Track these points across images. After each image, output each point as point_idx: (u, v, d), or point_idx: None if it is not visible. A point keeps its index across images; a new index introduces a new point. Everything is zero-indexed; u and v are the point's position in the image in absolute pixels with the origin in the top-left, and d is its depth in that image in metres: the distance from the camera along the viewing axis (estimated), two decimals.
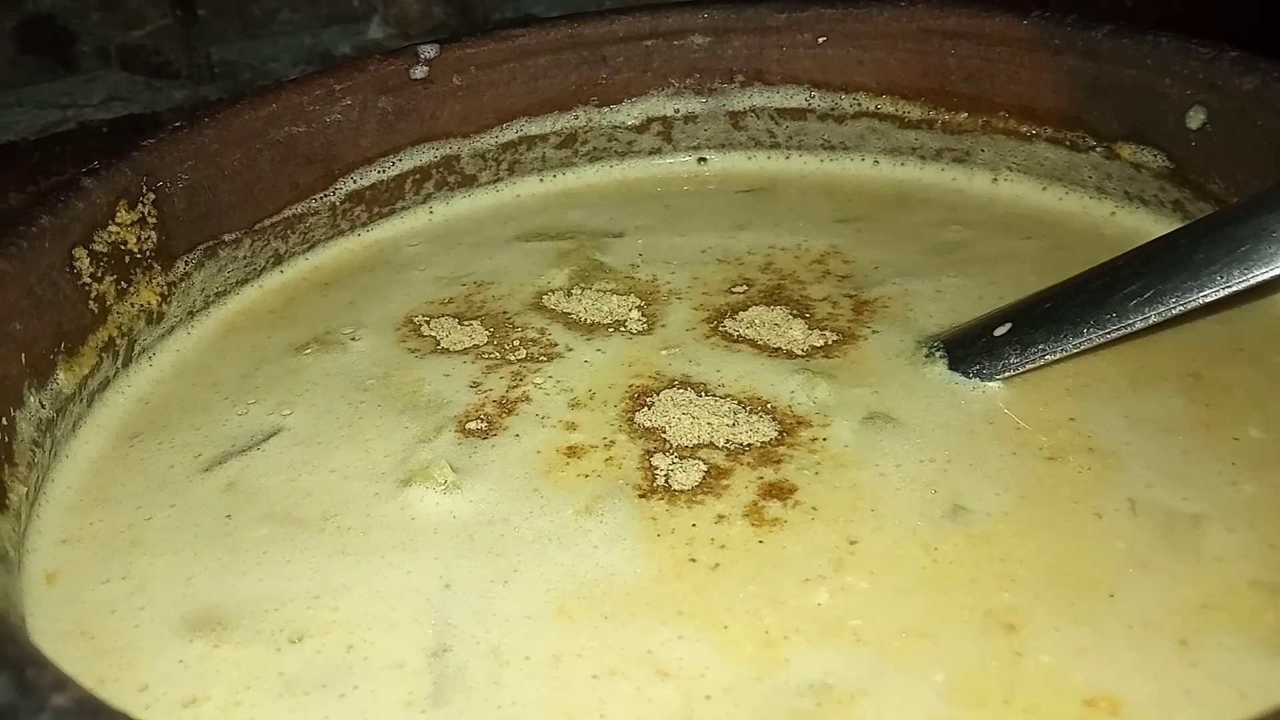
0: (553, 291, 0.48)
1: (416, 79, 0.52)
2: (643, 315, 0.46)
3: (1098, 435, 0.37)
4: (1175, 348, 0.40)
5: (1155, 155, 0.47)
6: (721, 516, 0.35)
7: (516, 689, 0.30)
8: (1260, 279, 0.35)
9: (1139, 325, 0.37)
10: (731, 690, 0.30)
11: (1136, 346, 0.40)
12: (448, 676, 0.31)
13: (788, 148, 0.57)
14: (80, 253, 0.41)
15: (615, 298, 0.47)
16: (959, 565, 0.33)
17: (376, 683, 0.31)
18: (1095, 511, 0.34)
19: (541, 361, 0.44)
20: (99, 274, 0.42)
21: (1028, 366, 0.39)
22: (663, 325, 0.46)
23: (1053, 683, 0.29)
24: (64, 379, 0.40)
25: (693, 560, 0.34)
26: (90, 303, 0.42)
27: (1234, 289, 0.35)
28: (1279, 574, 0.31)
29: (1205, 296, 0.36)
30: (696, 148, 0.58)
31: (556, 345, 0.45)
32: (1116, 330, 0.37)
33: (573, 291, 0.48)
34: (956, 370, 0.40)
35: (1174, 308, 0.36)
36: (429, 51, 0.52)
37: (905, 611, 0.31)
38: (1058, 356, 0.38)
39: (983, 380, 0.40)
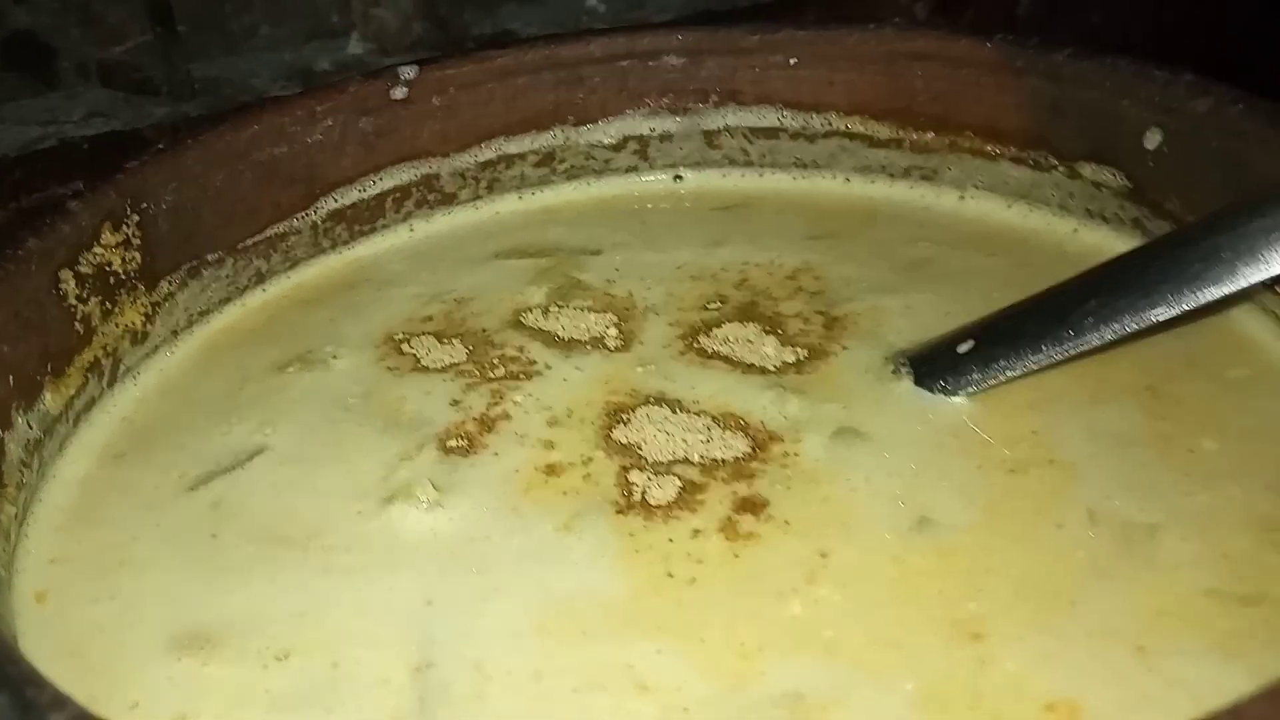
0: (531, 309, 0.49)
1: (396, 99, 0.53)
2: (619, 333, 0.47)
3: (1059, 448, 0.38)
4: (1133, 363, 0.42)
5: (1114, 174, 0.49)
6: (697, 531, 0.36)
7: (499, 703, 0.31)
8: (1210, 298, 0.36)
9: (1095, 343, 0.38)
10: (708, 702, 0.31)
11: (1096, 362, 0.41)
12: (432, 692, 0.31)
13: (761, 166, 0.58)
14: (66, 274, 0.42)
15: (593, 315, 0.48)
16: (927, 577, 0.34)
17: (362, 699, 0.31)
18: (1056, 522, 0.35)
19: (520, 379, 0.45)
20: (84, 295, 0.43)
21: (990, 383, 0.40)
22: (640, 343, 0.47)
23: (1016, 689, 0.30)
24: (51, 400, 0.41)
25: (670, 575, 0.35)
26: (76, 324, 0.43)
27: (1185, 307, 0.36)
28: (1230, 582, 0.32)
29: (1158, 315, 0.37)
30: (672, 166, 0.59)
31: (535, 363, 0.46)
32: (1073, 347, 0.38)
33: (550, 309, 0.49)
34: (922, 386, 0.42)
35: (1128, 325, 0.37)
36: (409, 73, 0.53)
37: (876, 622, 0.33)
38: (1018, 373, 0.40)
39: (947, 396, 0.41)
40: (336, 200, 0.53)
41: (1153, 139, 0.46)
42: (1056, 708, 0.29)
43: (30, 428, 0.39)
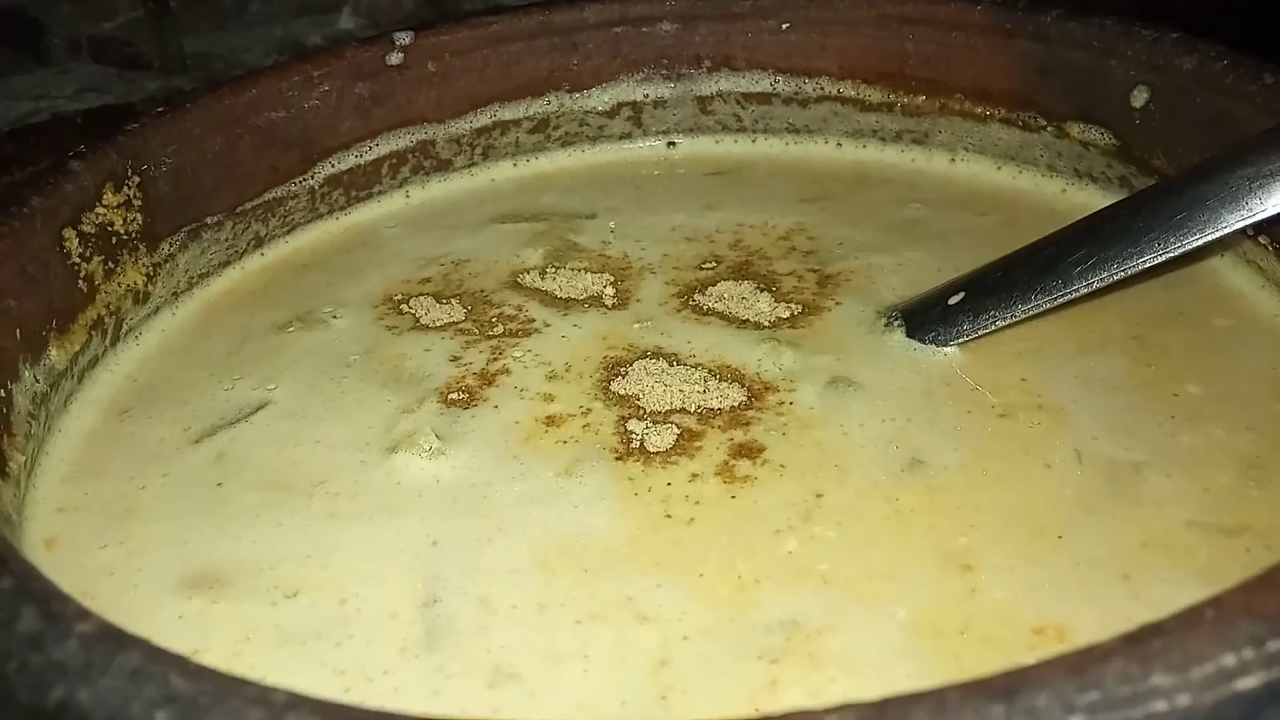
0: (528, 270, 0.50)
1: (392, 65, 0.54)
2: (616, 292, 0.48)
3: (1047, 394, 0.39)
4: (1121, 313, 0.43)
5: (1102, 134, 0.50)
6: (695, 475, 0.37)
7: (504, 634, 0.32)
8: (1195, 244, 0.37)
9: (1083, 291, 0.39)
10: (707, 631, 0.31)
11: (1084, 312, 0.42)
12: (439, 624, 0.32)
13: (754, 131, 0.59)
14: (69, 233, 0.43)
15: (589, 275, 0.49)
16: (919, 514, 0.35)
17: (371, 631, 0.32)
18: (1045, 462, 0.36)
19: (519, 336, 0.45)
20: (87, 254, 0.44)
21: (980, 332, 0.41)
22: (637, 300, 0.47)
23: (1005, 615, 0.31)
24: (56, 355, 0.41)
25: (669, 516, 0.36)
26: (80, 282, 0.43)
27: (1171, 254, 0.37)
28: (1213, 514, 0.33)
29: (1145, 262, 0.38)
30: (665, 132, 0.60)
31: (534, 321, 0.46)
32: (1062, 296, 0.39)
33: (547, 270, 0.50)
34: (914, 338, 0.43)
35: (1115, 273, 0.38)
36: (404, 38, 0.54)
37: (869, 556, 0.33)
38: (1008, 322, 0.41)
39: (938, 346, 0.42)
40: (334, 165, 0.54)
41: (1139, 97, 0.47)
42: (1045, 631, 0.30)
43: (37, 381, 0.40)
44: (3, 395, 0.37)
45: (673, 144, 0.60)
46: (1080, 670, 0.18)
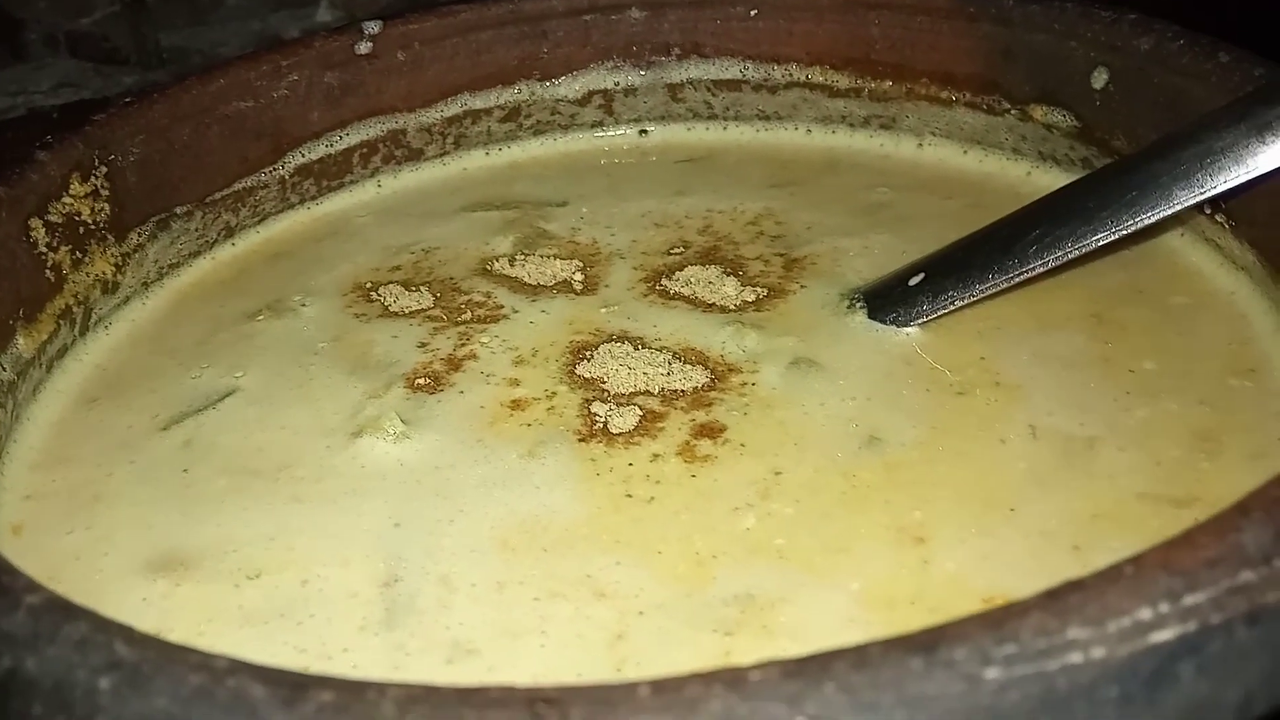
0: (498, 258, 0.50)
1: (361, 54, 0.54)
2: (585, 278, 0.48)
3: (1004, 371, 0.40)
4: (1080, 292, 0.43)
5: (1064, 115, 0.50)
6: (656, 455, 0.38)
7: (464, 611, 0.32)
8: (1147, 221, 0.38)
9: (1039, 269, 0.39)
10: (663, 606, 0.32)
11: (1044, 292, 0.43)
12: (399, 603, 0.33)
13: (724, 118, 0.59)
14: (36, 223, 0.43)
15: (558, 262, 0.49)
16: (875, 489, 0.35)
17: (332, 610, 0.32)
18: (1000, 438, 0.37)
19: (487, 323, 0.46)
20: (54, 244, 0.44)
21: (940, 312, 0.42)
22: (605, 286, 0.48)
23: (955, 586, 0.31)
24: (23, 344, 0.41)
25: (629, 495, 0.36)
26: (47, 271, 0.43)
27: (1124, 231, 0.38)
28: (1164, 486, 0.34)
29: (1099, 240, 0.38)
30: (637, 120, 0.60)
31: (502, 307, 0.47)
32: (1018, 274, 0.40)
33: (516, 258, 0.50)
34: (875, 319, 0.43)
35: (1070, 251, 0.39)
36: (373, 27, 0.54)
37: (825, 531, 0.34)
38: (966, 301, 0.41)
39: (899, 327, 0.42)
40: (304, 155, 0.54)
41: (1099, 78, 0.48)
42: (993, 600, 0.31)
43: (4, 369, 0.40)
44: None
45: (644, 132, 0.60)
46: (999, 624, 0.19)
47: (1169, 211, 0.37)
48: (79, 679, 0.20)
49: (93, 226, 0.46)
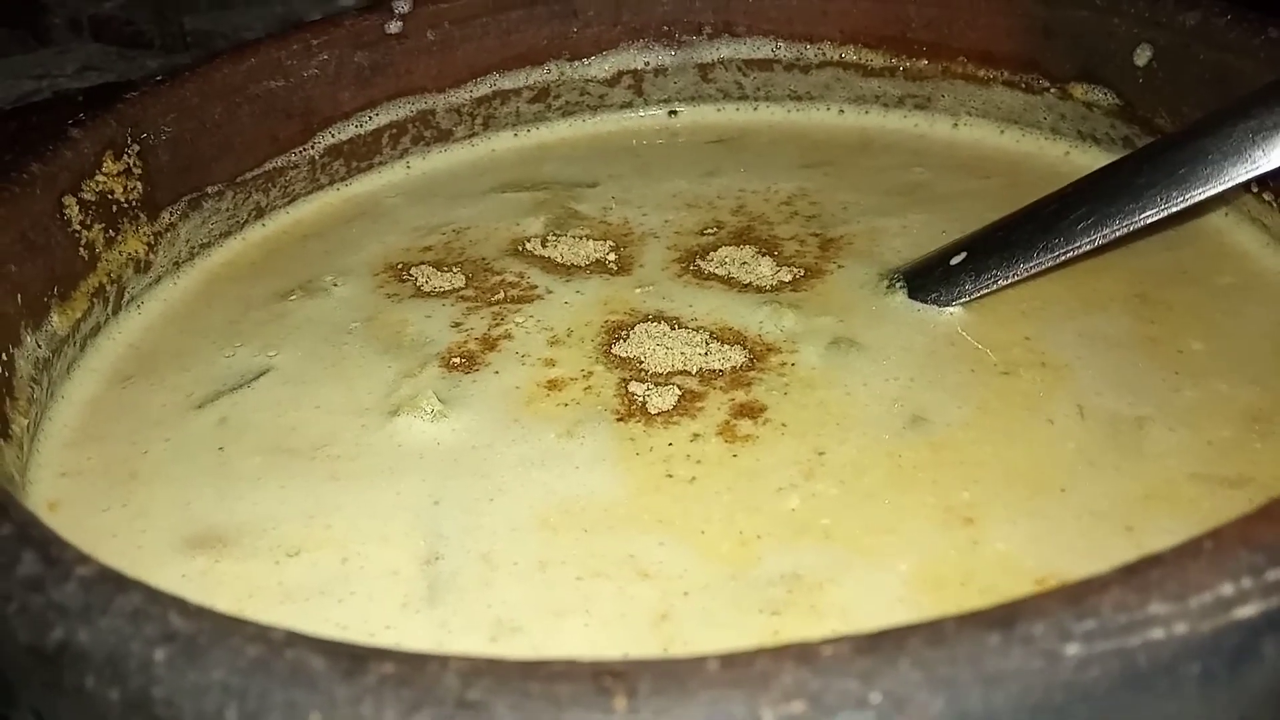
0: (530, 239, 0.50)
1: (391, 34, 0.54)
2: (618, 258, 0.48)
3: (1050, 352, 0.39)
4: (1124, 273, 0.43)
5: (1105, 94, 0.49)
6: (696, 435, 0.37)
7: (506, 590, 0.32)
8: (1197, 198, 0.37)
9: (1085, 248, 0.39)
10: (708, 586, 0.31)
11: (1087, 272, 0.42)
12: (441, 580, 0.32)
13: (755, 99, 0.59)
14: (69, 200, 0.43)
15: (591, 242, 0.49)
16: (921, 469, 0.35)
17: (373, 588, 0.32)
18: (1047, 418, 0.36)
19: (521, 303, 0.45)
20: (88, 222, 0.44)
21: (982, 291, 0.41)
22: (639, 266, 0.47)
23: (1007, 566, 0.31)
24: (58, 321, 0.41)
25: (670, 476, 0.36)
26: (80, 249, 0.43)
27: (1173, 209, 0.37)
28: (1215, 467, 0.33)
29: (1147, 217, 0.38)
30: (667, 100, 0.59)
31: (535, 288, 0.46)
32: (1064, 253, 0.39)
33: (548, 238, 0.49)
34: (916, 299, 0.42)
35: (1118, 229, 0.38)
36: (403, 7, 0.54)
37: (872, 511, 0.33)
38: (1010, 281, 0.40)
39: (940, 307, 0.42)
40: (334, 135, 0.54)
41: (1143, 55, 0.47)
42: (1046, 581, 0.30)
43: (39, 346, 0.40)
44: (4, 359, 0.38)
45: (674, 112, 0.59)
46: (1078, 600, 0.18)
47: (1220, 188, 0.37)
48: (133, 650, 0.20)
49: (125, 205, 0.46)
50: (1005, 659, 0.18)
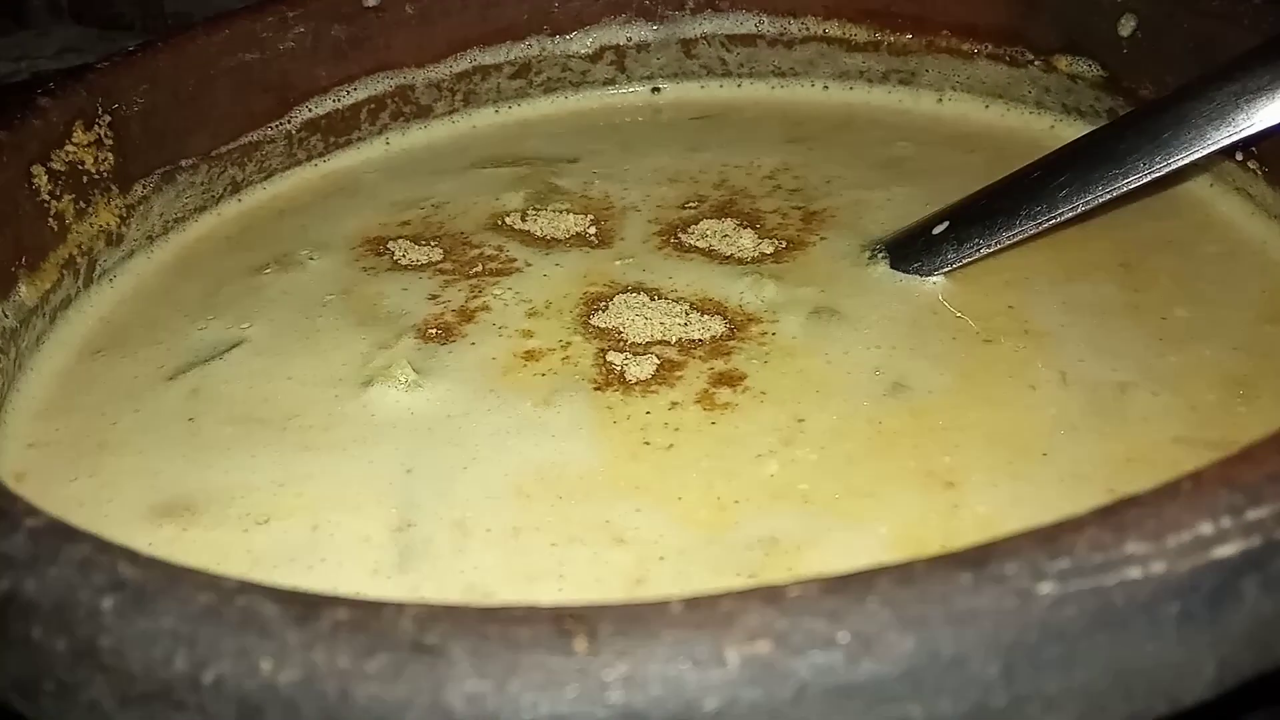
0: (509, 213, 0.49)
1: (369, 7, 0.53)
2: (598, 231, 0.47)
3: (1033, 320, 0.39)
4: (1109, 242, 0.42)
5: (1090, 65, 0.49)
6: (675, 403, 0.37)
7: (479, 556, 0.31)
8: (1181, 162, 0.36)
9: (1067, 214, 0.38)
10: (684, 551, 0.31)
11: (1072, 241, 0.42)
12: (413, 547, 0.32)
13: (739, 75, 0.58)
14: (38, 170, 0.42)
15: (571, 216, 0.48)
16: (903, 435, 0.34)
17: (343, 555, 0.32)
18: (1030, 384, 0.36)
19: (500, 276, 0.45)
20: (57, 192, 0.43)
21: (964, 260, 0.40)
22: (620, 239, 0.47)
23: (988, 529, 0.30)
24: (26, 292, 0.41)
25: (647, 443, 0.35)
26: (49, 220, 0.42)
27: (1156, 173, 0.37)
28: (1199, 430, 0.33)
29: (1130, 182, 0.37)
30: (650, 77, 0.59)
31: (515, 260, 0.46)
32: (1047, 220, 0.39)
33: (528, 213, 0.49)
34: (898, 269, 0.42)
35: (1100, 195, 0.38)
36: None
37: (851, 476, 0.33)
38: (992, 249, 0.40)
39: (922, 276, 0.41)
40: (311, 110, 0.53)
41: (1127, 25, 0.46)
42: None
43: (6, 316, 0.39)
44: None
45: (657, 89, 0.59)
46: (1052, 539, 0.18)
47: (1203, 152, 0.36)
48: (81, 599, 0.19)
49: (96, 176, 0.45)
50: (977, 598, 0.17)
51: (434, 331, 0.41)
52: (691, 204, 0.49)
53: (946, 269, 0.41)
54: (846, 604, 0.17)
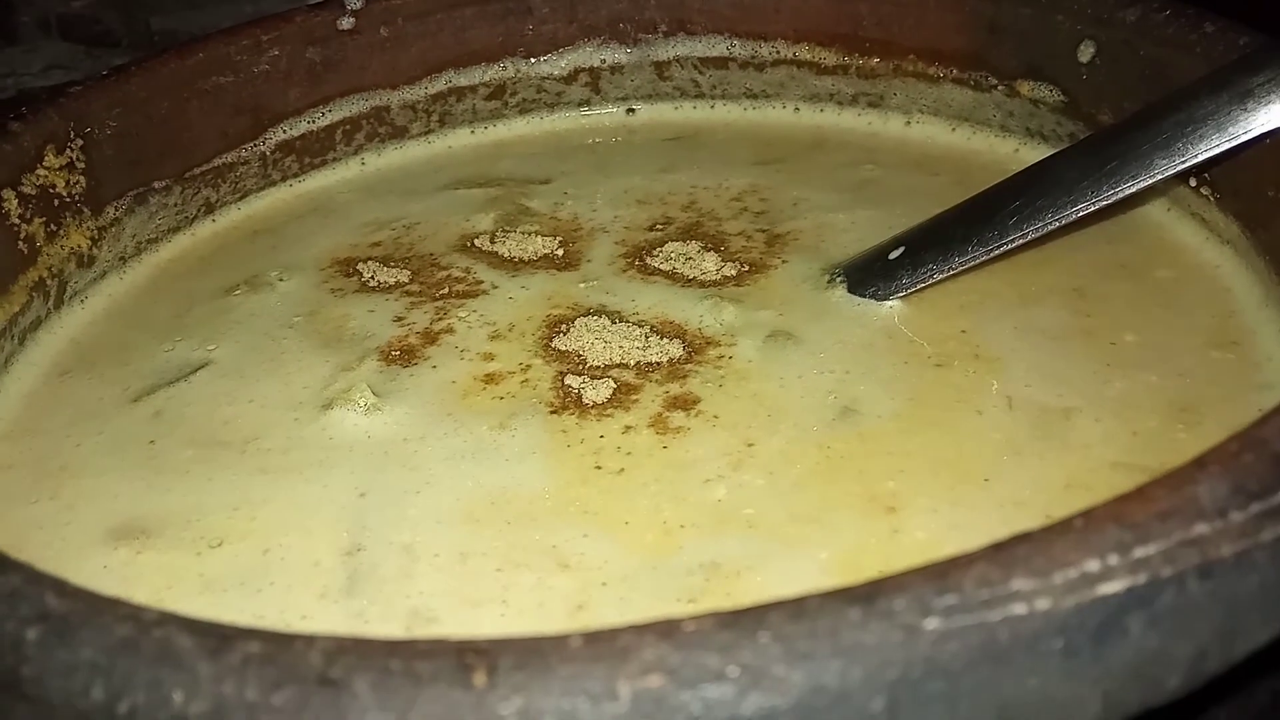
0: (479, 235, 0.50)
1: (344, 30, 0.54)
2: (565, 253, 0.48)
3: (985, 344, 0.39)
4: (1064, 267, 0.43)
5: (1051, 90, 0.49)
6: (629, 427, 0.37)
7: (425, 581, 0.32)
8: (1128, 191, 0.37)
9: (1017, 241, 0.39)
10: (626, 576, 0.31)
11: (1027, 266, 0.42)
12: (361, 572, 0.32)
13: (712, 97, 0.59)
14: (9, 194, 0.43)
15: (540, 238, 0.49)
16: (849, 460, 0.35)
17: (292, 579, 0.32)
18: (976, 409, 0.36)
19: (466, 298, 0.45)
20: (27, 215, 0.43)
21: (919, 285, 0.41)
22: (587, 261, 0.47)
23: (925, 553, 0.30)
24: None
25: (599, 467, 0.36)
26: (19, 243, 0.43)
27: (1104, 202, 0.37)
28: (1139, 456, 0.33)
29: (1078, 210, 0.38)
30: (624, 98, 0.59)
31: (482, 283, 0.46)
32: (997, 247, 0.39)
33: (498, 235, 0.49)
34: (855, 293, 0.42)
35: (1050, 223, 0.38)
36: (355, 3, 0.54)
37: (796, 501, 0.33)
38: (945, 275, 0.40)
39: (878, 300, 0.42)
40: (285, 131, 0.54)
41: (1086, 52, 0.47)
42: None
43: None
44: None
45: (631, 110, 0.59)
46: (941, 575, 0.18)
47: (1149, 181, 0.37)
48: (6, 630, 0.20)
49: (68, 199, 0.46)
50: (863, 632, 0.17)
51: (396, 354, 0.42)
52: (659, 226, 0.49)
53: (902, 294, 0.41)
54: (738, 638, 0.18)
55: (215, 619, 0.20)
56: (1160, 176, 0.36)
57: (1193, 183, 0.43)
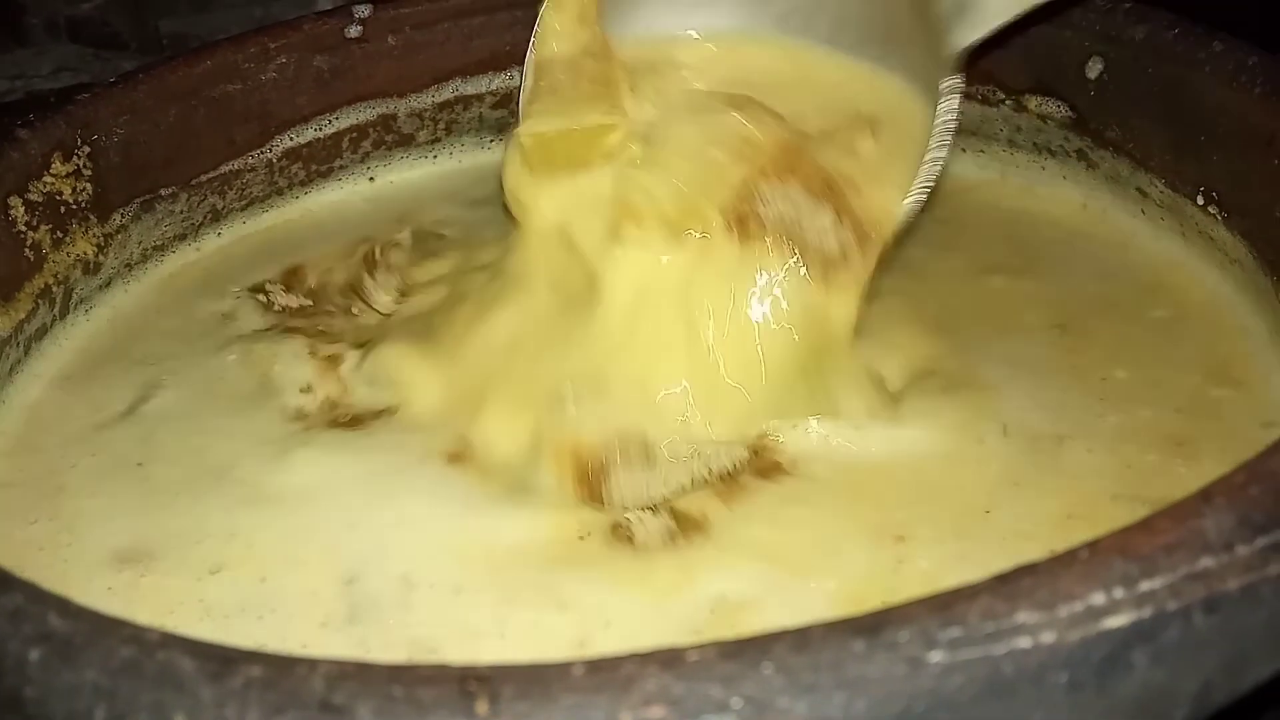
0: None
1: (351, 38, 0.54)
2: None
3: (978, 374, 0.39)
4: (1052, 304, 0.42)
5: (1059, 106, 0.49)
6: None
7: (425, 611, 0.31)
8: None
9: None
10: (630, 617, 0.31)
11: (1013, 303, 0.42)
12: (360, 601, 0.32)
13: None
14: (15, 201, 0.43)
15: None
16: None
17: (293, 607, 0.32)
18: (976, 438, 0.36)
19: None
20: (34, 222, 0.43)
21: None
22: None
23: (928, 584, 0.30)
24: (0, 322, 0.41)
25: None
26: (26, 250, 0.43)
27: None
28: (1138, 488, 0.33)
29: None
30: None
31: None
32: None
33: None
34: None
35: None
36: (363, 11, 0.54)
37: (806, 533, 0.33)
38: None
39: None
40: (292, 139, 0.54)
41: (1094, 68, 0.47)
42: None
43: None
44: None
45: None
46: (946, 607, 0.18)
47: None
48: (10, 650, 0.20)
49: (74, 206, 0.46)
50: (868, 665, 0.17)
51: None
52: None
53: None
54: (741, 669, 0.18)
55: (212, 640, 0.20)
56: None
57: (1199, 200, 0.43)
